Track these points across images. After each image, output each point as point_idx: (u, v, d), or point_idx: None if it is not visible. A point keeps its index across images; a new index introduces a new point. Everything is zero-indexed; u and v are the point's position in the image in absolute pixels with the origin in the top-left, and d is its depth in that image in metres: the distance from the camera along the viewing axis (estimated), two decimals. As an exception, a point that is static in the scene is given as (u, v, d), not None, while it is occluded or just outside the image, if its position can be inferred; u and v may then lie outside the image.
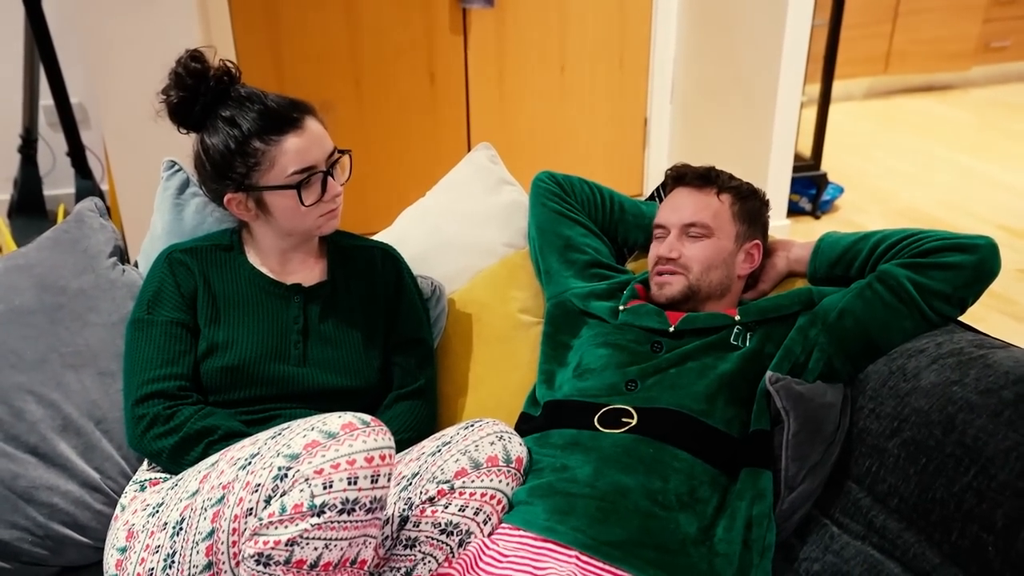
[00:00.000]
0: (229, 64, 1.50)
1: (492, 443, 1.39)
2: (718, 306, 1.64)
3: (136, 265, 1.76)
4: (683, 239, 1.63)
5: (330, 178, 1.49)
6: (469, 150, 2.59)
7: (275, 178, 1.46)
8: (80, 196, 3.55)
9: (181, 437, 1.40)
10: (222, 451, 1.30)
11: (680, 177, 1.70)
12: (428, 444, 1.43)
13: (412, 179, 3.68)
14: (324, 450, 1.15)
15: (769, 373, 1.46)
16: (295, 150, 1.45)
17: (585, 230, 1.79)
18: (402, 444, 1.50)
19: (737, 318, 1.57)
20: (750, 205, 1.68)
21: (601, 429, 1.44)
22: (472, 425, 1.43)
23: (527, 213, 1.86)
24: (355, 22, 3.51)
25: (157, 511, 1.31)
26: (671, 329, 1.57)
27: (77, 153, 3.53)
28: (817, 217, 4.01)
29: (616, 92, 3.93)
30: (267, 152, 1.45)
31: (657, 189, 1.97)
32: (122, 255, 1.74)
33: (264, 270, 1.58)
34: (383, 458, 1.17)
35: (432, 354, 1.69)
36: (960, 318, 1.50)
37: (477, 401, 1.72)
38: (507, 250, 1.87)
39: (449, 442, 1.40)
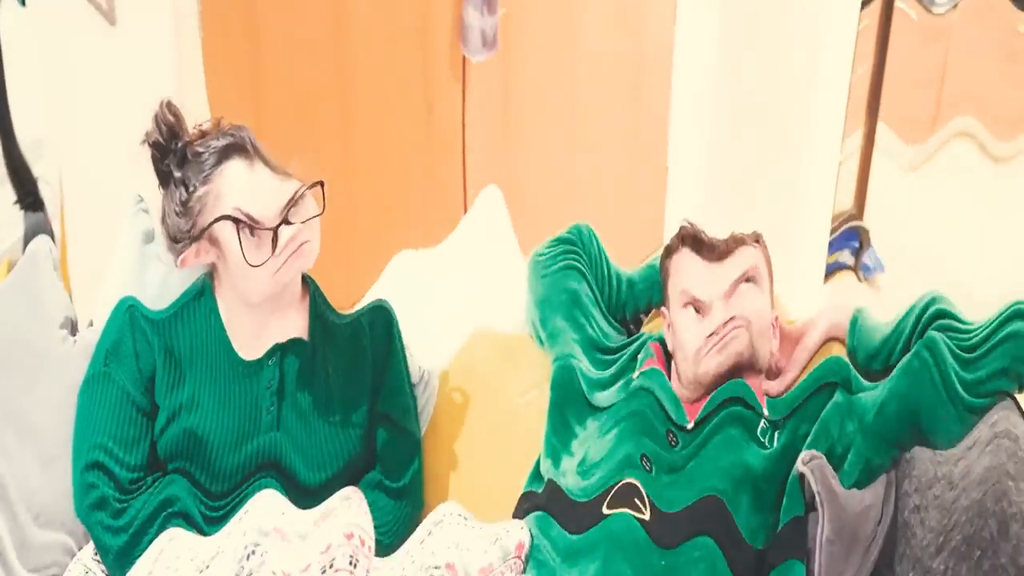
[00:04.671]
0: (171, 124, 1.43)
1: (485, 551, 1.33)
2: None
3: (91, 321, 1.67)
4: (727, 301, 1.46)
5: (284, 226, 1.41)
6: (465, 204, 2.46)
7: (221, 210, 1.39)
8: (30, 234, 3.56)
9: (132, 534, 1.39)
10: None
11: (698, 245, 1.52)
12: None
13: (402, 230, 3.59)
14: None
15: (803, 452, 1.34)
16: (236, 175, 1.40)
17: (590, 288, 1.66)
18: (380, 547, 1.39)
19: (765, 412, 1.44)
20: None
21: (609, 512, 1.34)
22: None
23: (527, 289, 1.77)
24: (346, 65, 3.44)
25: None
26: (689, 426, 1.45)
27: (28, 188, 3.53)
28: (860, 278, 3.81)
29: (632, 138, 3.81)
30: (210, 191, 1.39)
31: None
32: (73, 327, 1.65)
33: (236, 329, 1.50)
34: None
35: (418, 447, 1.62)
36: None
37: (468, 482, 1.65)
38: (506, 325, 1.82)
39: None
